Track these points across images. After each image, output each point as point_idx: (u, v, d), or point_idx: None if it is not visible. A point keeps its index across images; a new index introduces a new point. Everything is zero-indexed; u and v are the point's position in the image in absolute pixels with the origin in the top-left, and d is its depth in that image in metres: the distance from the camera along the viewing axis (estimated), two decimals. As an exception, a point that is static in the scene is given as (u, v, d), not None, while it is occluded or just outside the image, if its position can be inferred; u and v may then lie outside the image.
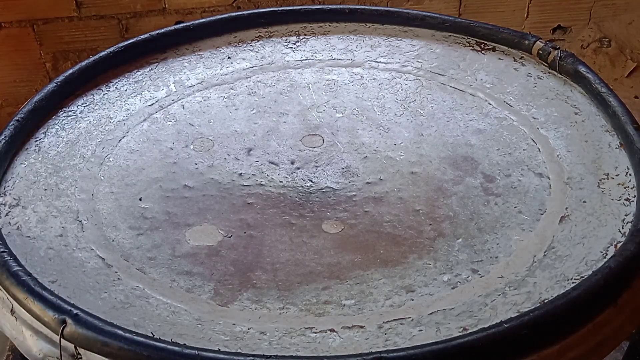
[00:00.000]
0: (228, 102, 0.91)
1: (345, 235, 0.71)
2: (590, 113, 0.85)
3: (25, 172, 0.79)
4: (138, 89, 0.93)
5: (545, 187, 0.76)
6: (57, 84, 0.89)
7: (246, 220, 0.73)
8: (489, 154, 0.81)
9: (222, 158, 0.82)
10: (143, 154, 0.82)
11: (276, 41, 1.03)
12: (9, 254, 0.64)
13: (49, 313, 0.58)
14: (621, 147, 0.78)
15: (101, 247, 0.70)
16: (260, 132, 0.86)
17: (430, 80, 0.94)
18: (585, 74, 0.87)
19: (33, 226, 0.72)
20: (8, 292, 0.61)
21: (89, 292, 0.64)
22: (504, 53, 0.98)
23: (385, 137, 0.84)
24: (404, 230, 0.71)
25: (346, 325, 0.61)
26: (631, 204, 0.71)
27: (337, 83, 0.94)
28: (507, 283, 0.65)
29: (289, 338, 0.60)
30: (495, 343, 0.55)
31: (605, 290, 0.60)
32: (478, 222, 0.72)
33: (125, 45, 0.97)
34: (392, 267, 0.67)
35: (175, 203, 0.75)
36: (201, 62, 0.99)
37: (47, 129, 0.85)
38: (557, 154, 0.80)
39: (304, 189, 0.77)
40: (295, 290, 0.65)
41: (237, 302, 0.64)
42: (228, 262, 0.68)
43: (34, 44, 1.57)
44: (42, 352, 0.60)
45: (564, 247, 0.68)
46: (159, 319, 0.62)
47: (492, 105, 0.89)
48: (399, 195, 0.75)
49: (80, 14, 1.56)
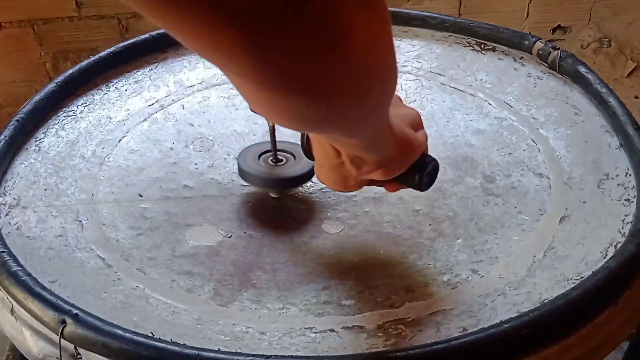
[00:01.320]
0: (228, 102, 0.91)
1: (345, 235, 0.71)
2: (590, 113, 0.85)
3: (25, 172, 0.79)
4: (138, 89, 0.93)
5: (545, 188, 0.75)
6: (57, 84, 0.89)
7: (246, 220, 0.73)
8: (489, 154, 0.81)
9: (222, 158, 0.82)
10: (143, 154, 0.82)
11: (276, 41, 1.03)
12: (9, 254, 0.64)
13: (48, 313, 0.58)
14: (621, 148, 0.78)
15: (101, 247, 0.70)
16: (260, 132, 0.86)
17: (430, 80, 0.94)
18: (585, 74, 0.87)
19: (33, 226, 0.71)
20: (8, 292, 0.61)
21: (89, 292, 0.64)
22: (504, 53, 0.98)
23: (385, 137, 0.84)
24: (404, 230, 0.71)
25: (346, 325, 0.61)
26: (631, 204, 0.71)
27: (337, 83, 0.94)
28: (507, 283, 0.65)
29: (288, 338, 0.60)
30: (495, 343, 0.55)
31: (605, 290, 0.60)
32: (478, 223, 0.72)
33: (125, 45, 0.97)
34: (392, 267, 0.67)
35: (175, 203, 0.75)
36: (201, 62, 0.99)
37: (47, 129, 0.85)
38: (557, 154, 0.80)
39: (304, 188, 0.77)
40: (295, 290, 0.65)
41: (237, 302, 0.64)
42: (228, 262, 0.68)
43: (34, 44, 1.57)
44: (42, 352, 0.60)
45: (563, 248, 0.68)
46: (159, 319, 0.62)
47: (492, 105, 0.89)
48: (399, 195, 0.75)
49: (80, 14, 1.56)
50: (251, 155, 0.74)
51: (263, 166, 0.74)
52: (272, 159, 0.74)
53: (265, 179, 0.74)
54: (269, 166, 0.74)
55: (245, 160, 0.74)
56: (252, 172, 0.73)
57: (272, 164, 0.74)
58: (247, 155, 0.74)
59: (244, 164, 0.73)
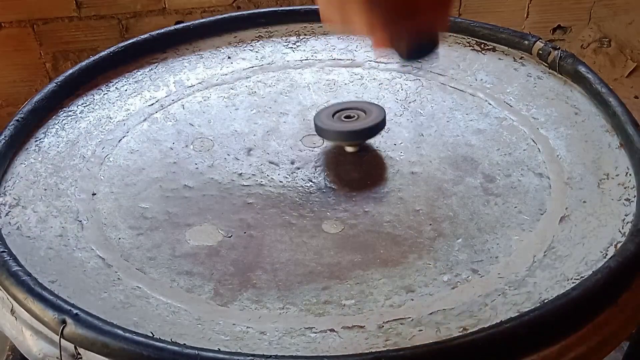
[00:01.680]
0: (228, 102, 0.91)
1: (345, 235, 0.71)
2: (590, 113, 0.85)
3: (25, 172, 0.79)
4: (138, 89, 0.93)
5: (545, 187, 0.76)
6: (57, 84, 0.89)
7: (246, 220, 0.73)
8: (489, 154, 0.81)
9: (222, 158, 0.82)
10: (143, 154, 0.82)
11: (276, 41, 1.03)
12: (9, 254, 0.64)
13: (48, 313, 0.58)
14: (621, 147, 0.78)
15: (101, 247, 0.70)
16: (260, 132, 0.86)
17: (430, 80, 0.94)
18: (585, 74, 0.87)
19: (33, 226, 0.72)
20: (8, 292, 0.61)
21: (89, 292, 0.64)
22: (504, 53, 0.98)
23: (385, 137, 0.84)
24: (404, 230, 0.71)
25: (346, 325, 0.61)
26: (631, 204, 0.71)
27: (337, 83, 0.95)
28: (507, 283, 0.65)
29: (289, 338, 0.60)
30: (495, 343, 0.55)
31: (605, 290, 0.60)
32: (478, 222, 0.72)
33: (125, 45, 0.97)
34: (392, 267, 0.67)
35: (175, 203, 0.75)
36: (201, 62, 0.99)
37: (47, 129, 0.85)
38: (557, 154, 0.80)
39: (304, 189, 0.77)
40: (295, 290, 0.65)
41: (237, 302, 0.64)
42: (228, 262, 0.68)
43: (34, 44, 1.57)
44: (42, 352, 0.60)
45: (564, 247, 0.68)
46: (159, 319, 0.62)
47: (492, 105, 0.89)
48: (399, 195, 0.75)
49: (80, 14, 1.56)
50: (326, 115, 0.83)
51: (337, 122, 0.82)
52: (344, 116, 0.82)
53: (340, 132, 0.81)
54: (341, 123, 0.82)
55: (321, 119, 0.82)
56: (328, 128, 0.81)
57: (345, 120, 0.82)
58: (322, 115, 0.83)
59: (319, 122, 0.81)
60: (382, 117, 0.81)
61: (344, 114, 0.82)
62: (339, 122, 0.81)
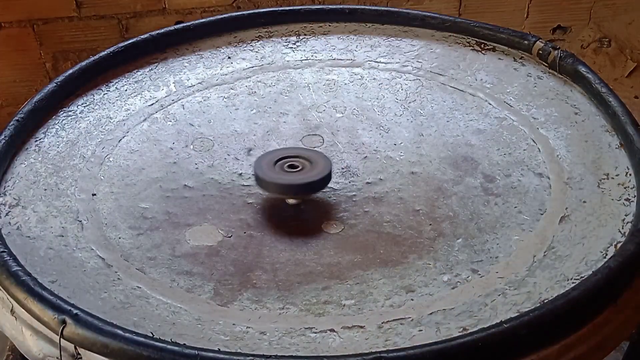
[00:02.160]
0: (228, 102, 0.91)
1: (345, 235, 0.71)
2: (590, 113, 0.85)
3: (25, 172, 0.79)
4: (138, 89, 0.93)
5: (545, 187, 0.76)
6: (57, 84, 0.89)
7: (246, 220, 0.73)
8: (489, 154, 0.81)
9: (222, 158, 0.82)
10: (143, 154, 0.82)
11: (276, 41, 1.03)
12: (9, 254, 0.64)
13: (48, 313, 0.58)
14: (621, 147, 0.78)
15: (101, 247, 0.70)
16: (260, 132, 0.86)
17: (430, 80, 0.94)
18: (585, 74, 0.87)
19: (33, 226, 0.72)
20: (8, 292, 0.61)
21: (89, 292, 0.64)
22: (504, 53, 0.98)
23: (385, 137, 0.84)
24: (404, 230, 0.71)
25: (346, 325, 0.61)
26: (631, 204, 0.71)
27: (337, 83, 0.95)
28: (507, 283, 0.65)
29: (289, 338, 0.60)
30: (495, 343, 0.55)
31: (605, 290, 0.60)
32: (478, 222, 0.72)
33: (125, 45, 0.97)
34: (392, 267, 0.67)
35: (175, 203, 0.75)
36: (201, 62, 0.99)
37: (47, 129, 0.85)
38: (557, 154, 0.80)
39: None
40: (295, 290, 0.65)
41: (237, 302, 0.64)
42: (228, 262, 0.68)
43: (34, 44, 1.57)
44: (42, 352, 0.60)
45: (564, 247, 0.68)
46: (159, 319, 0.62)
47: (492, 105, 0.89)
48: (399, 195, 0.75)
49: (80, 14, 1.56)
50: (267, 163, 0.74)
51: (279, 173, 0.74)
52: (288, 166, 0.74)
53: (282, 185, 0.73)
54: (284, 173, 0.74)
55: (261, 167, 0.74)
56: (268, 179, 0.73)
57: (288, 171, 0.74)
58: (262, 163, 0.75)
59: (260, 171, 0.73)
60: (328, 170, 0.73)
61: (287, 162, 0.75)
62: (281, 172, 0.74)
